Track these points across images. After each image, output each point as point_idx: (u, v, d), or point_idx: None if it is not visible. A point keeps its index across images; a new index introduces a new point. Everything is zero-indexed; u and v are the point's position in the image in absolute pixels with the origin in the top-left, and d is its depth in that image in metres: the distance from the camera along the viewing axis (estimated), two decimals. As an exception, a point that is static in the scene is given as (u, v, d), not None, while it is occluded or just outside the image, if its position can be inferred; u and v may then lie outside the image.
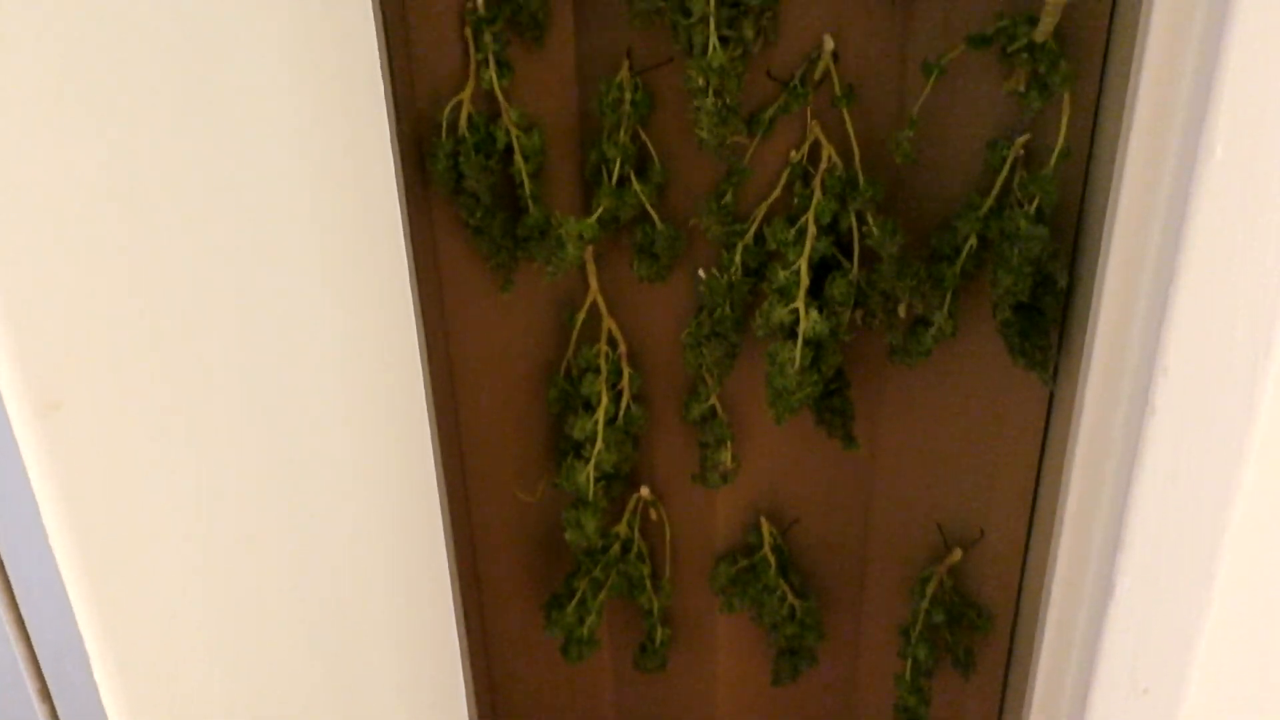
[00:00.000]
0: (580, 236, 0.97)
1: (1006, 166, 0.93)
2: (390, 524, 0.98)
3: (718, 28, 0.89)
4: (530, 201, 1.00)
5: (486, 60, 0.96)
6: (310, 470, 0.81)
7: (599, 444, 1.07)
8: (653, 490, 1.16)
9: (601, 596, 1.16)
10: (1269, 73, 0.50)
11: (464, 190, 1.00)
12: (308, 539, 0.81)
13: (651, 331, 1.09)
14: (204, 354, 0.65)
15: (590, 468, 1.07)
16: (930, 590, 1.15)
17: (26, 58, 0.49)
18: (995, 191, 0.94)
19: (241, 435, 0.70)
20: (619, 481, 1.13)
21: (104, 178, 0.55)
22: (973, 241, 0.95)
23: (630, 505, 1.16)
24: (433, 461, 1.07)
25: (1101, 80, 0.91)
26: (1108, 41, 0.90)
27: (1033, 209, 0.92)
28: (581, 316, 1.07)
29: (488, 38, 0.95)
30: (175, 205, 0.62)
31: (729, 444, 1.11)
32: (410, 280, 0.98)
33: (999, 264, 0.94)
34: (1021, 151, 0.93)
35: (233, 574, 0.69)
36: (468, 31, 0.95)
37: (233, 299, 0.69)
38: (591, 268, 1.05)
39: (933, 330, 0.98)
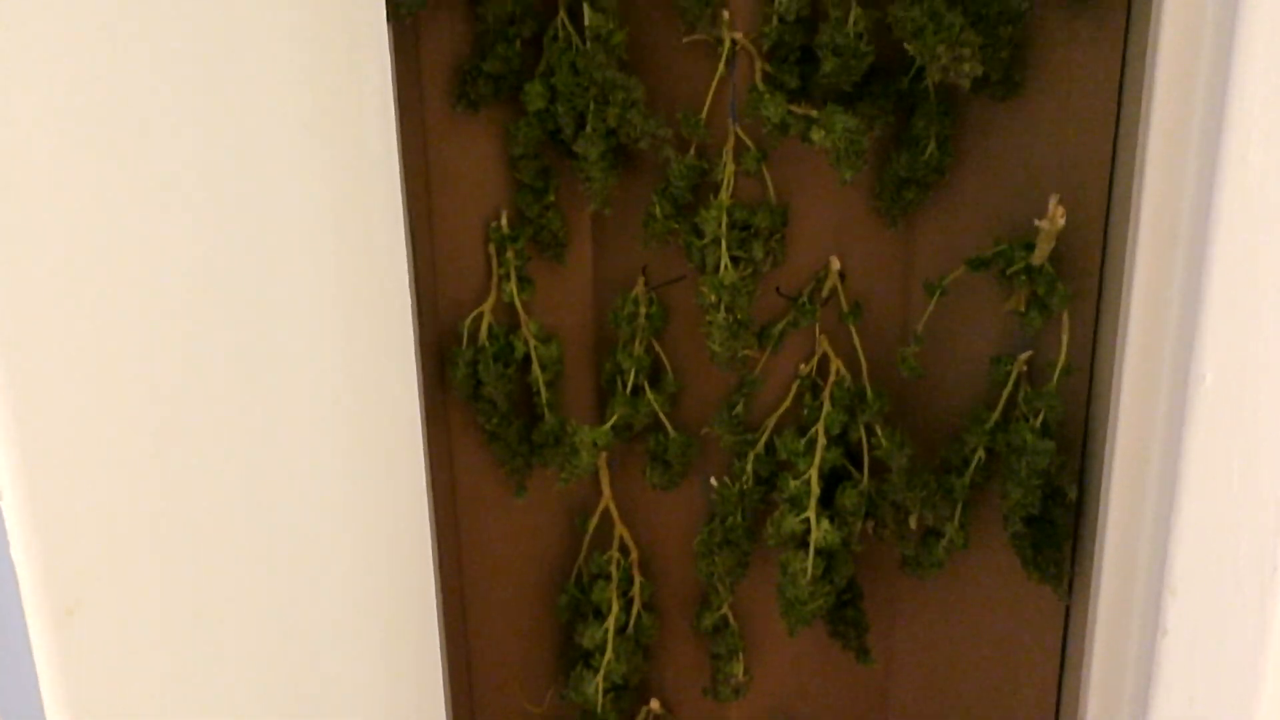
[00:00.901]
0: (594, 444, 0.99)
1: (1011, 381, 0.95)
2: (393, 735, 0.95)
3: (729, 248, 0.94)
4: (546, 409, 1.03)
5: (508, 275, 1.00)
6: (314, 676, 0.80)
7: (609, 653, 1.05)
8: (663, 704, 1.13)
9: (608, 817, 1.11)
10: (1253, 295, 0.53)
11: (482, 397, 1.02)
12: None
13: (663, 539, 1.09)
14: (212, 558, 0.66)
15: (599, 678, 1.05)
16: (952, 816, 1.10)
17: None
18: (1001, 405, 0.96)
19: (245, 636, 0.70)
20: (629, 693, 1.10)
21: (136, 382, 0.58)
22: (981, 454, 0.97)
23: (640, 719, 1.13)
24: (439, 669, 1.05)
25: (1099, 300, 0.94)
26: (1102, 265, 0.93)
27: (1038, 423, 0.94)
28: (594, 523, 1.07)
29: (510, 254, 1.00)
30: (209, 413, 0.64)
31: (741, 655, 1.09)
32: (425, 484, 1.00)
33: (1008, 477, 0.95)
34: (1025, 368, 0.95)
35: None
36: (491, 248, 1.00)
37: (245, 508, 0.70)
38: (604, 475, 1.06)
39: (944, 542, 0.98)
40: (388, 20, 0.87)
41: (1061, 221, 0.88)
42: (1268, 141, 0.50)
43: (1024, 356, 0.95)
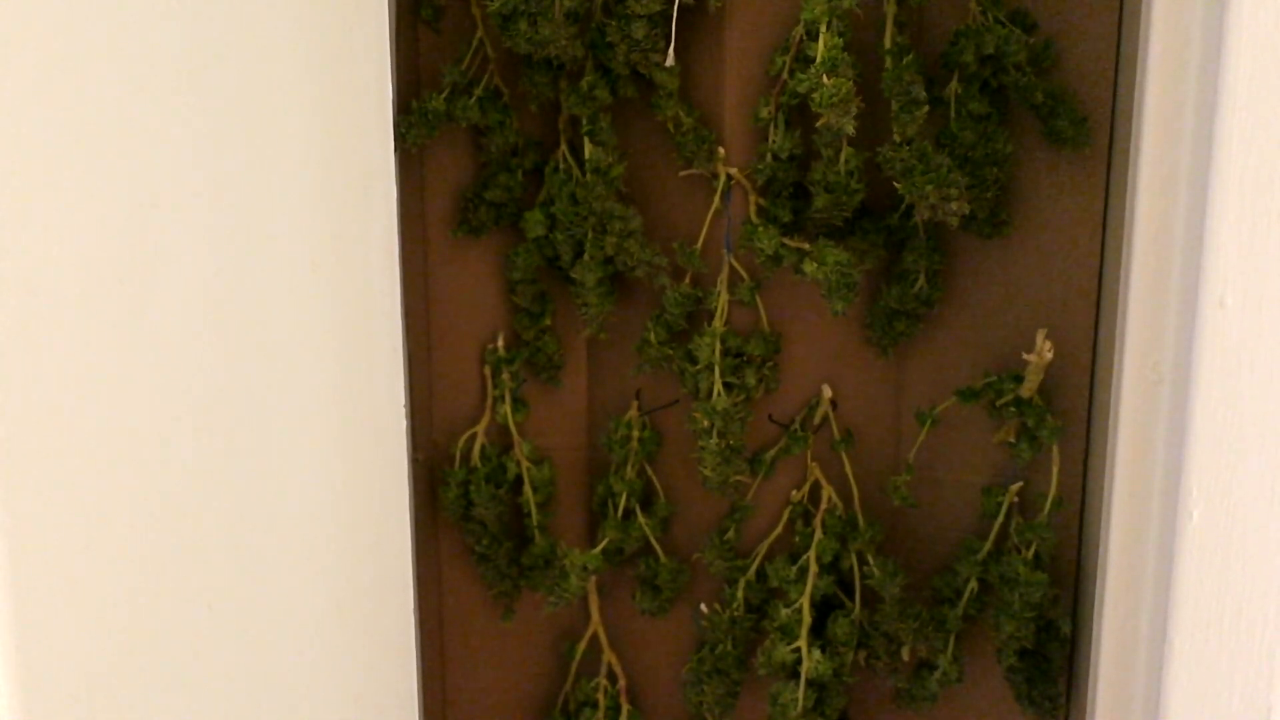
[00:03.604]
0: (584, 568, 0.99)
1: (1002, 512, 0.96)
2: None
3: (722, 375, 0.95)
4: (537, 531, 1.02)
5: (503, 397, 1.01)
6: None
7: (594, 786, 1.03)
8: (649, 840, 1.10)
9: None
10: (1238, 433, 0.54)
11: (472, 518, 1.02)
12: None
13: (652, 666, 1.07)
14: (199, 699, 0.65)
15: (584, 812, 1.02)
16: None
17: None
18: (993, 536, 0.96)
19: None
20: (614, 829, 1.07)
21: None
22: (973, 585, 0.96)
23: None
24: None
25: (1088, 433, 0.95)
26: (1090, 398, 0.95)
27: (1030, 555, 0.94)
28: (581, 648, 1.06)
29: (505, 376, 1.01)
30: (206, 533, 0.64)
31: (730, 790, 1.06)
32: (413, 606, 0.99)
33: (1001, 609, 0.94)
34: (1016, 499, 0.95)
35: None
36: (487, 370, 1.02)
37: (232, 632, 0.69)
38: (594, 599, 1.05)
39: (937, 674, 0.97)
40: (394, 149, 0.90)
41: (1049, 355, 0.90)
42: (1245, 284, 0.52)
43: (1015, 487, 0.95)
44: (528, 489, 1.02)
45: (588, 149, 0.93)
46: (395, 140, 0.90)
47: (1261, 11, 0.51)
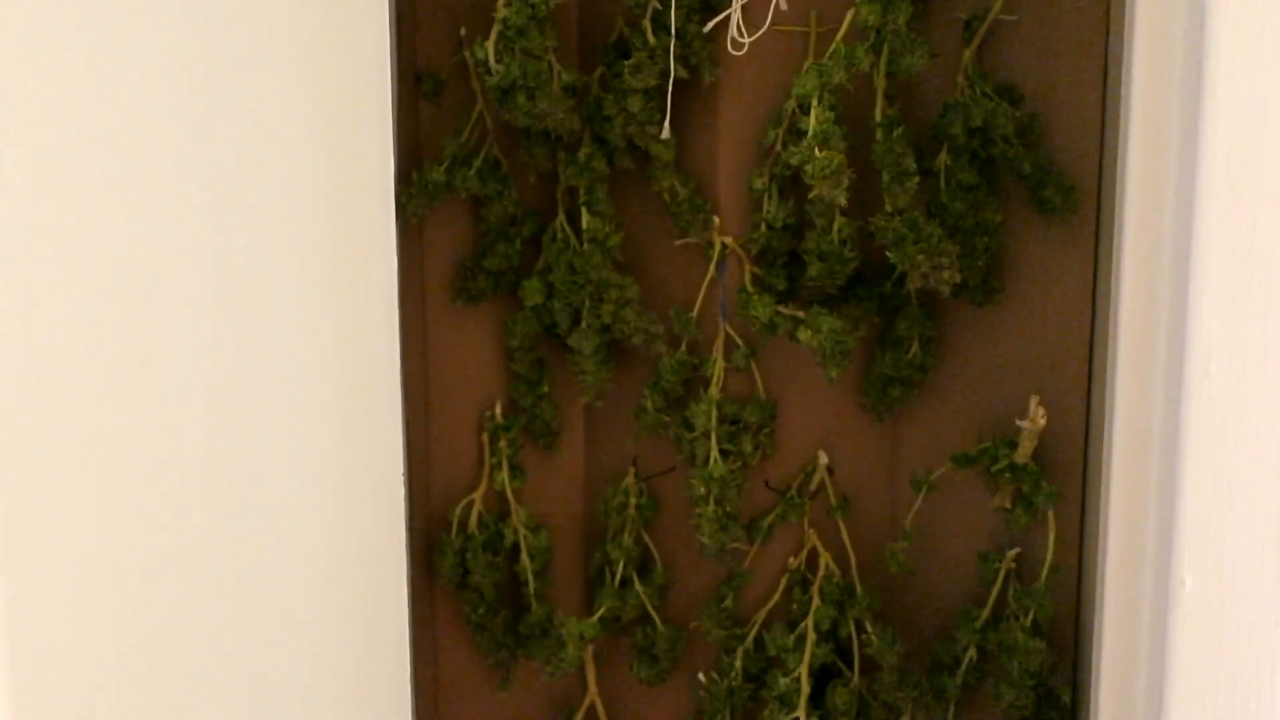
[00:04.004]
0: (581, 636, 0.98)
1: (999, 579, 0.95)
2: None
3: (719, 442, 0.95)
4: (534, 599, 1.02)
5: (500, 463, 1.02)
6: None
7: None
8: None
9: None
10: (1226, 503, 0.54)
11: (469, 586, 1.02)
12: None
13: (650, 736, 1.06)
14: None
15: None
16: None
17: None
18: (991, 603, 0.96)
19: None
20: None
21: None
22: (972, 653, 0.96)
23: None
24: None
25: (1083, 498, 0.96)
26: (1085, 463, 0.95)
27: (1029, 622, 0.93)
28: (579, 718, 1.05)
29: (503, 443, 1.01)
30: (204, 607, 0.64)
31: None
32: (409, 676, 0.98)
33: (1000, 677, 0.94)
34: (1013, 565, 0.95)
35: None
36: (484, 436, 1.02)
37: (231, 693, 0.69)
38: (591, 668, 1.04)
39: (938, 745, 0.96)
40: (395, 219, 0.92)
41: (1043, 421, 0.90)
42: (1229, 353, 0.53)
43: (1012, 554, 0.95)
44: (525, 556, 1.02)
45: (585, 219, 0.95)
46: (396, 210, 0.92)
47: (1237, 88, 0.52)
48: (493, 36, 0.87)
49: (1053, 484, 0.93)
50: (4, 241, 0.48)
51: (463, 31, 0.95)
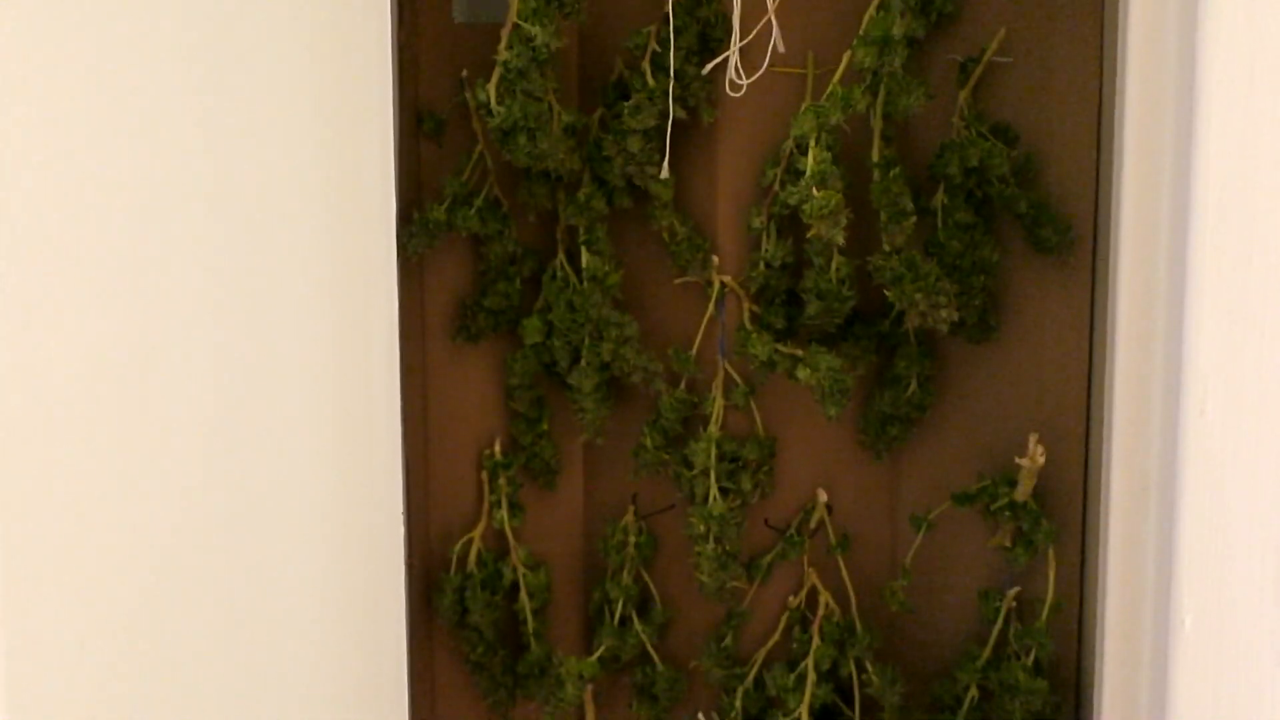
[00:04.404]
0: (580, 676, 0.98)
1: (1000, 618, 0.95)
2: None
3: (718, 480, 0.95)
4: (533, 639, 1.01)
5: (500, 501, 1.02)
6: None
7: None
8: None
9: None
10: (1224, 543, 0.54)
11: (468, 625, 1.01)
12: None
13: (649, 778, 1.05)
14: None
15: None
16: None
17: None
18: (991, 642, 0.95)
19: None
20: None
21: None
22: (974, 693, 0.95)
23: None
24: None
25: (1083, 536, 0.95)
26: (1084, 501, 0.95)
27: (1030, 661, 0.93)
28: (578, 759, 1.04)
29: (502, 481, 1.01)
30: (201, 645, 0.64)
31: None
32: (407, 716, 0.97)
33: (1002, 718, 0.93)
34: (1014, 603, 0.95)
35: None
36: (484, 474, 1.02)
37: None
38: (590, 708, 1.04)
39: (940, 786, 0.95)
40: (397, 258, 0.92)
41: (1041, 460, 0.90)
42: (1224, 393, 0.53)
43: (1012, 592, 0.95)
44: (524, 595, 1.01)
45: (585, 257, 0.95)
46: (397, 249, 0.93)
47: (1228, 131, 0.53)
48: (494, 79, 0.88)
49: (1052, 522, 0.93)
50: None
51: (464, 73, 0.96)
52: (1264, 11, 0.52)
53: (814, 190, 0.83)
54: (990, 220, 0.92)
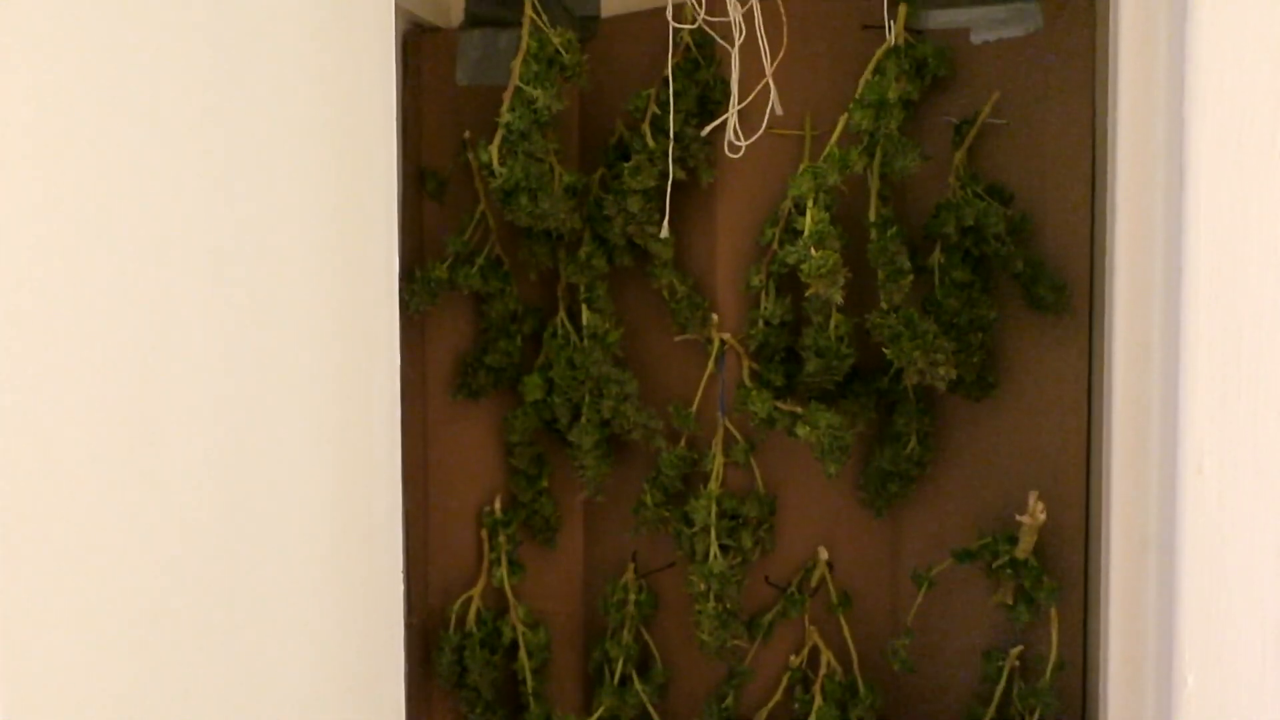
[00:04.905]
0: (580, 737, 0.97)
1: (1004, 677, 0.94)
2: None
3: (718, 537, 0.95)
4: (532, 699, 1.00)
5: (499, 559, 1.01)
6: None
7: None
8: None
9: None
10: (1225, 602, 0.54)
11: (466, 685, 1.00)
12: None
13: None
14: None
15: None
16: None
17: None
18: (995, 702, 0.94)
19: None
20: None
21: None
22: (978, 754, 0.94)
23: None
24: None
25: (1085, 593, 0.95)
26: (1086, 558, 0.95)
27: (1034, 721, 0.92)
28: (577, 823, 1.03)
29: (502, 538, 1.01)
30: (198, 693, 0.64)
31: None
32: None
33: (1006, 779, 0.92)
34: (1017, 662, 0.94)
35: None
36: (484, 532, 1.02)
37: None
38: (590, 770, 1.03)
39: None
40: (399, 315, 0.93)
41: (1042, 517, 0.90)
42: (1220, 450, 0.53)
43: (1015, 652, 0.94)
44: (523, 654, 1.01)
45: (585, 315, 0.96)
46: (399, 306, 0.93)
47: (1218, 193, 0.54)
48: (496, 140, 0.89)
49: (1054, 579, 0.93)
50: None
51: (466, 134, 0.97)
52: (1250, 76, 0.53)
53: (812, 249, 0.84)
54: (987, 279, 0.93)
